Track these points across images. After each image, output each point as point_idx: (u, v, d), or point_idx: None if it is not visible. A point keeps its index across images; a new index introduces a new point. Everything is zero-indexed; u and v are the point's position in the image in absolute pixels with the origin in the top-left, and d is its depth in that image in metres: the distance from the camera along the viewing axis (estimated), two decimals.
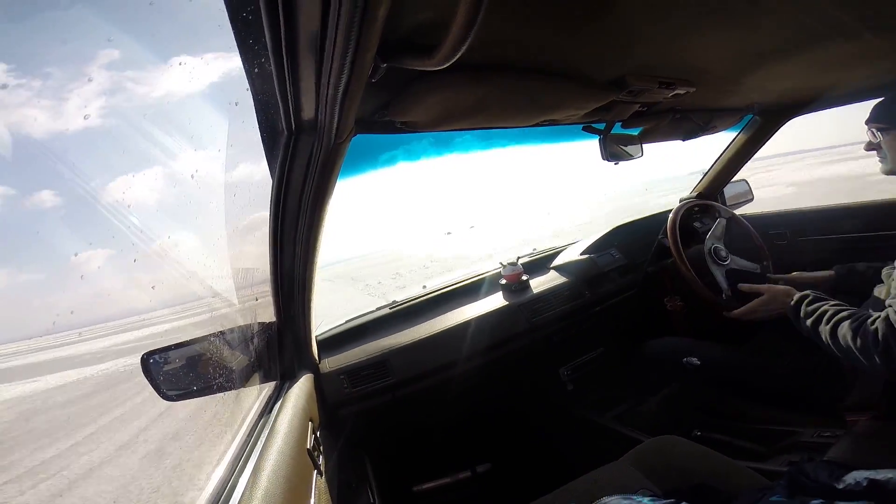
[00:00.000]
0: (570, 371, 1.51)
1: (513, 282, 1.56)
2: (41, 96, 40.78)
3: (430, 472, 1.55)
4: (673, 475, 0.82)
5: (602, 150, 1.20)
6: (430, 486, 1.53)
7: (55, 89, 38.86)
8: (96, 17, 26.16)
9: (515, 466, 1.58)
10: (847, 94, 1.28)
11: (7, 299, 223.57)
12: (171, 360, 0.85)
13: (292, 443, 0.74)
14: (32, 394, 9.17)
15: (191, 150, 4.06)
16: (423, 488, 1.52)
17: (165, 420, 4.64)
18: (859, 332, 0.82)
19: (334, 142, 0.62)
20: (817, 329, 0.91)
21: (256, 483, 0.59)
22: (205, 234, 0.84)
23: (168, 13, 25.83)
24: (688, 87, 0.91)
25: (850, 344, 0.83)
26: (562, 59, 0.68)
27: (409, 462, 1.55)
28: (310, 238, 0.85)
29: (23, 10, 25.67)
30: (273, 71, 0.47)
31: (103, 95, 35.39)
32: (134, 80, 24.55)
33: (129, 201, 2.65)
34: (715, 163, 1.70)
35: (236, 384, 0.90)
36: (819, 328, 0.91)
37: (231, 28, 0.44)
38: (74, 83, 34.24)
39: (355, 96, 0.50)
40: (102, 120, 37.67)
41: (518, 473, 1.56)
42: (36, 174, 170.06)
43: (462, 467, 1.57)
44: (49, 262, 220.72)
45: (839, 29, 0.72)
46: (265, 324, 1.01)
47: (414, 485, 1.53)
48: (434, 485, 1.54)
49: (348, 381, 1.21)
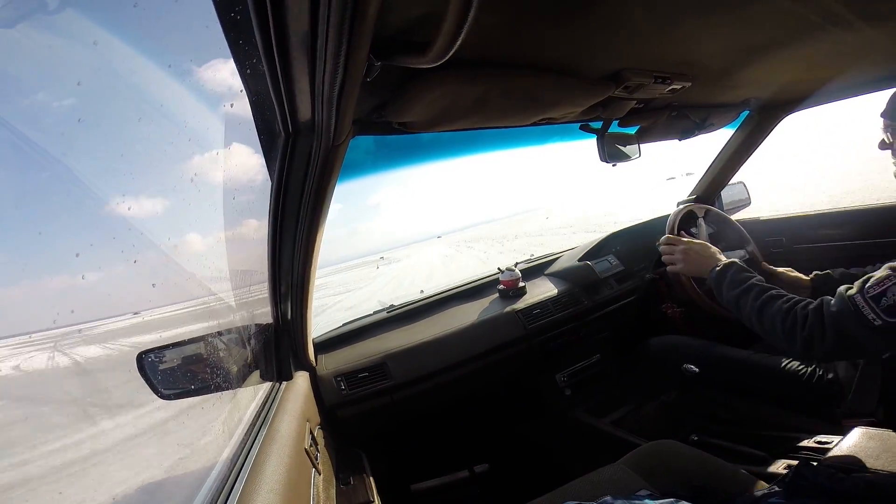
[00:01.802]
0: (567, 377, 1.50)
1: (510, 287, 1.56)
2: (37, 98, 39.40)
3: (428, 472, 1.56)
4: (670, 478, 0.82)
5: (600, 150, 1.20)
6: (428, 486, 1.54)
7: (50, 92, 37.46)
8: (82, 20, 26.25)
9: (512, 468, 1.58)
10: (844, 88, 1.27)
11: (7, 299, 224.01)
12: (167, 359, 0.85)
13: (290, 442, 0.74)
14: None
15: (189, 153, 4.04)
16: (420, 487, 1.53)
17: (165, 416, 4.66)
18: (789, 314, 0.83)
19: (333, 143, 0.62)
20: (741, 300, 0.92)
21: (256, 482, 0.60)
22: (205, 235, 0.84)
23: (155, 15, 25.36)
24: (684, 81, 0.91)
25: (775, 323, 0.85)
26: (557, 54, 0.68)
27: (407, 462, 1.55)
28: (309, 240, 0.85)
29: (11, 15, 26.06)
30: (266, 72, 0.47)
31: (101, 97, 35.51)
32: (127, 84, 24.60)
33: (129, 203, 2.62)
34: (712, 164, 1.69)
35: (233, 384, 0.90)
36: (745, 300, 0.91)
37: (221, 29, 0.44)
38: (64, 87, 33.37)
39: (351, 96, 0.50)
40: (101, 121, 37.33)
41: (515, 475, 1.56)
42: (37, 175, 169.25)
43: (459, 468, 1.57)
44: (49, 263, 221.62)
45: (835, 21, 0.72)
46: (262, 325, 1.02)
47: (412, 483, 1.53)
48: (432, 484, 1.54)
49: (345, 383, 1.21)
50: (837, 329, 0.76)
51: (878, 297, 0.72)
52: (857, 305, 0.74)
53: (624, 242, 1.76)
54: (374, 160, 1.16)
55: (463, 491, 1.54)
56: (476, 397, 1.43)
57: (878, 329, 0.72)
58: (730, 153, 1.63)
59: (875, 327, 0.72)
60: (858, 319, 0.74)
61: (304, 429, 0.86)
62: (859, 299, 0.74)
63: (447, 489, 1.53)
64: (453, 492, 1.53)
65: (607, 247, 1.74)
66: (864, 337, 0.74)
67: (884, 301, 0.72)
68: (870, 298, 0.73)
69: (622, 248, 1.73)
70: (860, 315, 0.73)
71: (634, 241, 1.76)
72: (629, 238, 1.78)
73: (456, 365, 1.30)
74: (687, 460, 0.86)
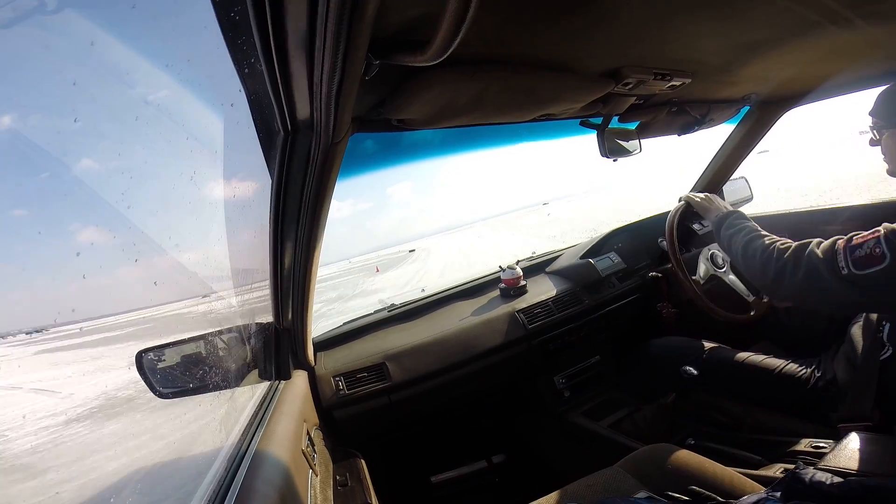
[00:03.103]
0: (566, 379, 1.49)
1: (511, 286, 1.55)
2: (37, 98, 39.11)
3: (425, 473, 1.56)
4: (667, 482, 0.83)
5: (600, 145, 1.19)
6: (428, 485, 1.54)
7: (47, 91, 37.28)
8: (80, 21, 25.87)
9: (510, 471, 1.58)
10: (844, 84, 1.27)
11: (8, 298, 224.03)
12: (166, 357, 0.85)
13: (287, 444, 0.74)
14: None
15: (189, 152, 4.06)
16: (419, 486, 1.53)
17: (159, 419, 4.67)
18: (769, 249, 0.89)
19: (332, 141, 0.62)
20: (733, 238, 1.02)
21: (253, 484, 0.60)
22: (206, 234, 0.84)
23: (153, 14, 25.59)
24: (684, 78, 0.90)
25: (755, 256, 0.91)
26: (557, 51, 0.68)
27: (404, 463, 1.56)
28: (310, 238, 0.85)
29: (12, 16, 25.56)
30: (265, 71, 0.47)
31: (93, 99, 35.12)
32: (126, 84, 24.28)
33: (129, 202, 2.67)
34: (713, 159, 1.69)
35: (231, 383, 0.90)
36: (736, 238, 1.01)
37: (219, 28, 0.44)
38: (62, 86, 33.75)
39: (350, 94, 0.50)
40: (100, 121, 37.05)
41: (512, 477, 1.57)
42: (36, 175, 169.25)
43: (457, 467, 1.58)
44: (50, 262, 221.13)
45: (834, 18, 0.71)
46: (261, 324, 1.02)
47: (409, 484, 1.54)
48: (440, 479, 1.55)
49: (344, 383, 1.21)
50: (808, 268, 0.80)
51: (854, 248, 0.75)
52: (835, 252, 0.77)
53: (626, 239, 1.75)
54: (374, 157, 1.16)
55: (461, 487, 1.55)
56: (474, 399, 1.43)
57: (843, 278, 0.75)
58: (730, 149, 1.63)
59: (842, 276, 0.75)
60: (830, 265, 0.77)
61: (302, 430, 0.86)
62: (840, 246, 0.77)
63: (442, 487, 1.54)
64: (448, 488, 1.54)
65: (609, 244, 1.73)
66: (829, 283, 0.77)
67: (857, 252, 0.74)
68: (848, 248, 0.76)
69: (624, 245, 1.72)
70: (833, 261, 0.77)
71: (636, 238, 1.75)
72: (631, 235, 1.77)
73: (455, 366, 1.29)
74: (684, 464, 0.86)
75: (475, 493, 1.55)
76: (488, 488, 1.55)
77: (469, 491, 1.55)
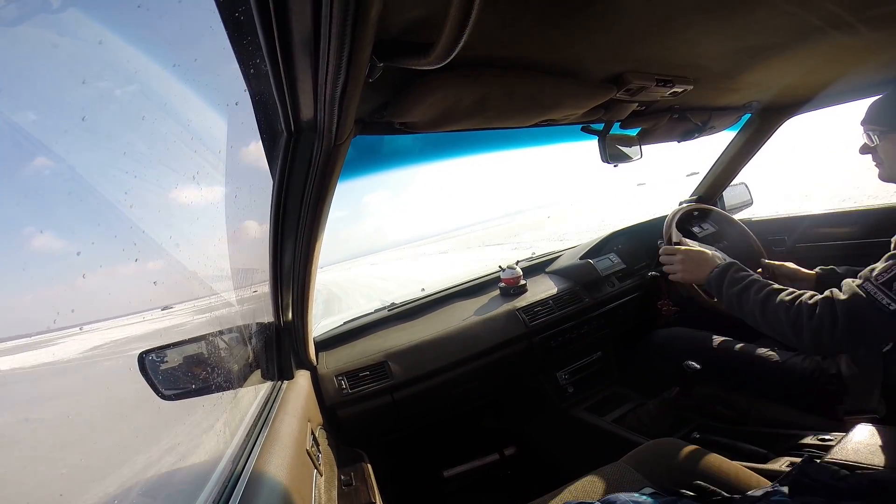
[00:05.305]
0: (568, 375, 1.50)
1: (511, 285, 1.57)
2: (39, 98, 38.93)
3: (436, 468, 1.56)
4: (673, 476, 0.82)
5: (601, 151, 1.20)
6: (440, 479, 1.54)
7: (53, 90, 37.18)
8: (86, 19, 26.22)
9: (522, 463, 1.58)
10: (846, 91, 1.27)
11: (9, 298, 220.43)
12: (169, 358, 0.85)
13: (292, 443, 0.74)
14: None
15: (192, 151, 4.07)
16: (431, 481, 1.53)
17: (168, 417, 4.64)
18: (794, 306, 0.83)
19: (335, 142, 0.62)
20: (742, 297, 0.92)
21: (258, 485, 0.60)
22: (206, 234, 0.84)
23: (159, 15, 25.76)
24: (685, 84, 0.91)
25: (779, 316, 0.84)
26: (559, 57, 0.68)
27: (414, 459, 1.55)
28: (310, 239, 0.85)
29: (18, 14, 25.90)
30: (269, 72, 0.47)
31: (100, 98, 35.36)
32: (131, 83, 24.44)
33: (131, 202, 2.66)
34: (714, 165, 1.70)
35: (234, 384, 0.90)
36: (746, 296, 0.91)
37: (224, 29, 0.44)
38: (68, 85, 34.21)
39: (353, 96, 0.50)
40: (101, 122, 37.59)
41: (516, 472, 1.56)
42: (37, 175, 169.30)
43: (469, 461, 1.57)
44: (50, 262, 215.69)
45: (836, 25, 0.72)
46: (263, 324, 1.02)
47: (421, 480, 1.54)
48: (452, 473, 1.54)
49: (347, 382, 1.21)
50: (850, 316, 0.77)
51: (889, 282, 0.74)
52: (869, 293, 0.76)
53: (625, 241, 1.77)
54: (376, 160, 1.17)
55: (461, 484, 1.54)
56: (477, 396, 1.43)
57: (893, 314, 0.74)
58: (731, 155, 1.63)
59: (891, 311, 0.74)
60: (872, 305, 0.75)
61: (306, 429, 0.86)
62: (870, 287, 0.76)
63: (445, 483, 1.53)
64: (450, 485, 1.53)
65: (609, 245, 1.74)
66: (879, 322, 0.75)
67: (894, 284, 0.74)
68: (881, 285, 0.75)
69: (623, 247, 1.74)
70: (873, 301, 0.75)
71: (636, 240, 1.77)
72: (631, 236, 1.79)
73: (457, 363, 1.30)
74: (689, 458, 0.86)
75: (487, 486, 1.55)
76: (500, 481, 1.55)
77: (481, 484, 1.55)
